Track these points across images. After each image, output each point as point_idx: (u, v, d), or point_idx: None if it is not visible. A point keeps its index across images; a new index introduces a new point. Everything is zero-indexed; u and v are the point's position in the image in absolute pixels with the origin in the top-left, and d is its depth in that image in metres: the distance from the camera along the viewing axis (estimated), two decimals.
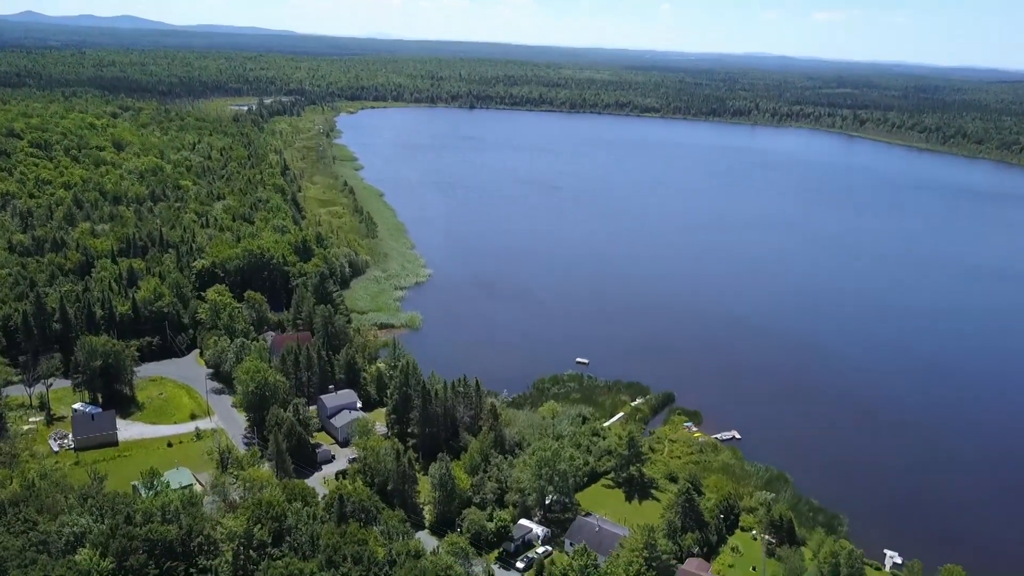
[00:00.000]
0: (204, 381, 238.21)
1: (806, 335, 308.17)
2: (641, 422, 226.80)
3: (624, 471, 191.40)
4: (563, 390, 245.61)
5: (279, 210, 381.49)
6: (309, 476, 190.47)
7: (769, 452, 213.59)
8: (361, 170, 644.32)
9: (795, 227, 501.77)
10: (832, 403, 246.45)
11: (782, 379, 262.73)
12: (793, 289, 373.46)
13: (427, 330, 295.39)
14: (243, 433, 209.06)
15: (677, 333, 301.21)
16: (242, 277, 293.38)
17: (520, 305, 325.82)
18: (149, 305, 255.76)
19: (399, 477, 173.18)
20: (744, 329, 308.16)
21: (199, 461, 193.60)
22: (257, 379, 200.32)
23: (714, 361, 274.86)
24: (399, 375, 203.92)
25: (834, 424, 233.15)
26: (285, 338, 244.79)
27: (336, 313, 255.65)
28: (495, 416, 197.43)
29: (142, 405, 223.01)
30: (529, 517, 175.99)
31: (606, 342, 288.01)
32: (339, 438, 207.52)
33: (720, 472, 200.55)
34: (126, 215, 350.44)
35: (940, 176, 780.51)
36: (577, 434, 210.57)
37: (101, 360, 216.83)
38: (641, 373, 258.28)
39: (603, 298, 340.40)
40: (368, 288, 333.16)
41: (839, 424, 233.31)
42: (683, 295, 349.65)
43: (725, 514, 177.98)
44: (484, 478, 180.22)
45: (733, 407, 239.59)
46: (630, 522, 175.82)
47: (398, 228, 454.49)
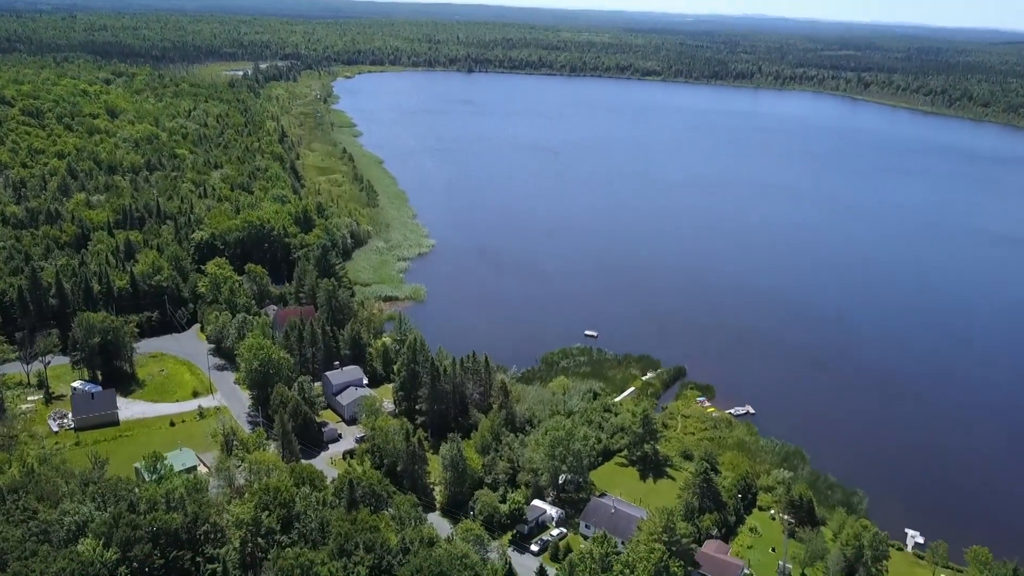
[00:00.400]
0: (206, 357, 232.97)
1: (818, 304, 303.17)
2: (653, 397, 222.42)
3: (638, 449, 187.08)
4: (572, 364, 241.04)
5: (278, 179, 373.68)
6: (315, 456, 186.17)
7: (784, 427, 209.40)
8: (360, 137, 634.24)
9: (802, 193, 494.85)
10: (847, 375, 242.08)
11: (795, 351, 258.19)
12: (803, 257, 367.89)
13: (432, 302, 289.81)
14: (247, 411, 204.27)
15: (686, 304, 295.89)
16: (242, 249, 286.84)
17: (526, 275, 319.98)
18: (147, 279, 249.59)
19: (409, 458, 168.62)
20: (754, 299, 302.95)
21: (203, 441, 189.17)
22: (260, 356, 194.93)
23: (725, 333, 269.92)
24: (407, 351, 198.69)
25: (850, 397, 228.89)
26: (288, 313, 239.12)
27: (339, 287, 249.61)
28: (505, 393, 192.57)
29: (143, 382, 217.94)
30: (542, 498, 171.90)
31: (614, 313, 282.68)
32: (345, 416, 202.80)
33: (735, 449, 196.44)
34: (122, 185, 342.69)
35: (947, 140, 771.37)
36: (588, 410, 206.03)
37: (99, 337, 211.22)
38: (651, 346, 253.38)
39: (610, 267, 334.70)
40: (370, 259, 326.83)
41: (855, 397, 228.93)
42: (692, 264, 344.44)
43: (743, 493, 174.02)
44: (495, 458, 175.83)
45: (746, 381, 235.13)
46: (646, 502, 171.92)
47: (399, 196, 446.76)
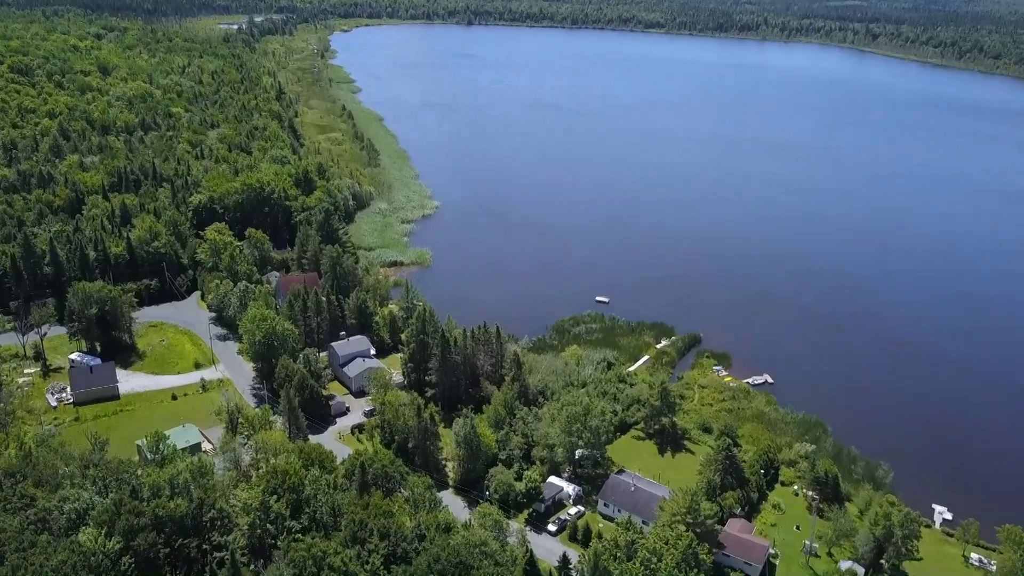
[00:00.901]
0: (207, 326, 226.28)
1: (834, 268, 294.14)
2: (668, 366, 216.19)
3: (656, 422, 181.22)
4: (584, 332, 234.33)
5: (277, 139, 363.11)
6: (323, 431, 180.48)
7: (803, 397, 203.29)
8: (359, 93, 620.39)
9: (813, 151, 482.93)
10: (867, 342, 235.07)
11: (813, 317, 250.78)
12: (818, 218, 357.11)
13: (437, 267, 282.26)
14: (251, 384, 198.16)
15: (699, 268, 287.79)
16: (242, 213, 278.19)
17: (533, 237, 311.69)
18: (145, 245, 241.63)
19: (420, 434, 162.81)
20: (769, 263, 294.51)
21: (206, 415, 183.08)
22: (264, 328, 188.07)
23: (740, 299, 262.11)
24: (416, 322, 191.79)
25: (871, 365, 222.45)
26: (291, 280, 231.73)
27: (343, 253, 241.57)
28: (518, 365, 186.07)
29: (143, 354, 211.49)
30: (558, 474, 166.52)
31: (625, 278, 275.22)
32: (353, 388, 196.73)
33: (755, 421, 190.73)
34: (116, 146, 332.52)
35: (958, 94, 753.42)
36: (603, 381, 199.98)
37: (96, 307, 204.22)
38: (664, 312, 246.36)
39: (619, 229, 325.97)
40: (373, 222, 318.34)
41: (876, 365, 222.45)
42: (703, 226, 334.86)
43: (765, 469, 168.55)
44: (509, 433, 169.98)
45: (763, 349, 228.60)
46: (665, 478, 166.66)
47: (400, 155, 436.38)
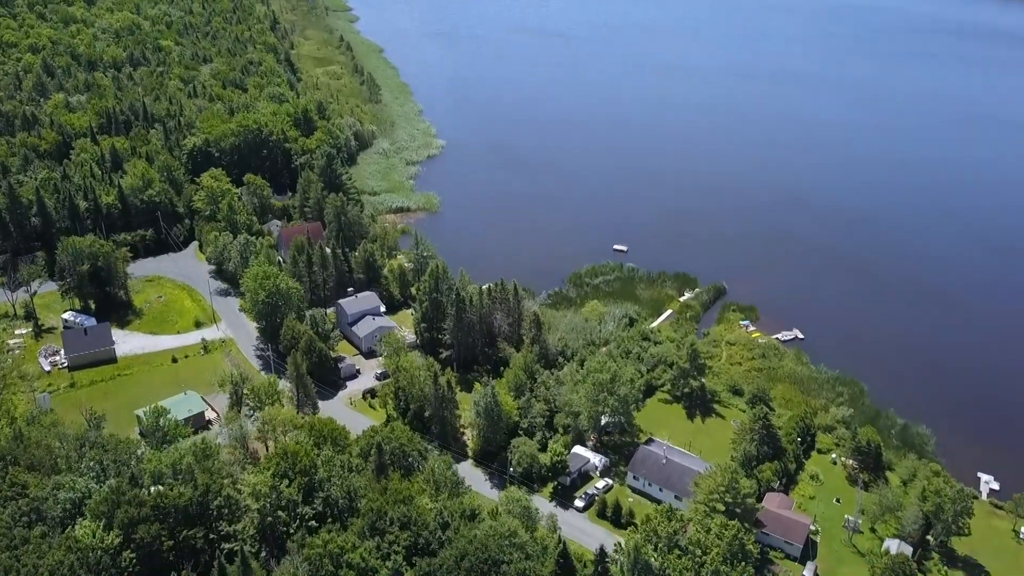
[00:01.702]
0: (206, 280, 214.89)
1: (866, 209, 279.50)
2: (692, 321, 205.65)
3: (684, 385, 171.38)
4: (602, 283, 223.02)
5: (273, 74, 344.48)
6: (333, 397, 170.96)
7: (836, 353, 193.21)
8: (356, 22, 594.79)
9: (832, 83, 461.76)
10: (903, 292, 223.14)
11: (843, 264, 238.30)
12: (842, 156, 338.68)
13: (446, 212, 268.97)
14: (255, 344, 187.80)
15: (720, 210, 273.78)
16: (239, 156, 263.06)
17: (544, 178, 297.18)
18: (138, 193, 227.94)
19: (437, 402, 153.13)
20: (793, 205, 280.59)
21: (209, 378, 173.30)
22: (267, 287, 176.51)
23: (764, 244, 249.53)
24: (428, 279, 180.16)
25: (908, 317, 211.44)
26: (293, 231, 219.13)
27: (348, 201, 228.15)
28: (538, 326, 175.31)
29: (140, 311, 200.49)
30: (583, 443, 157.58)
31: (643, 223, 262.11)
32: (363, 348, 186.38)
33: (786, 381, 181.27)
34: (103, 83, 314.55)
35: (976, 19, 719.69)
36: (625, 339, 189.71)
37: (88, 263, 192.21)
38: (686, 261, 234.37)
39: (634, 169, 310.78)
40: (377, 164, 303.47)
41: (914, 317, 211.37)
42: (720, 166, 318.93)
43: (801, 436, 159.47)
44: (531, 399, 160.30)
45: (791, 299, 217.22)
46: (696, 446, 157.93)
47: (402, 89, 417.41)
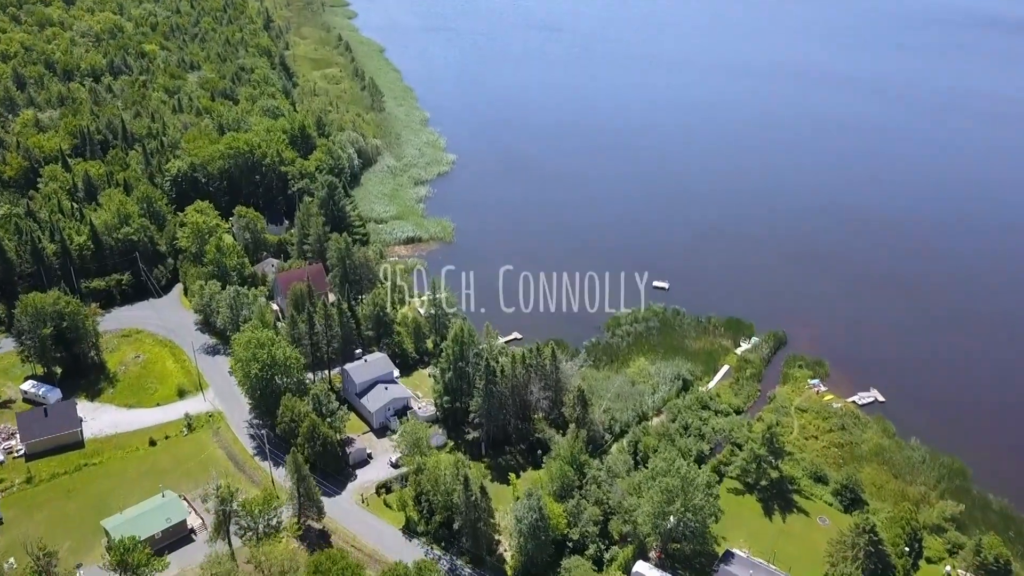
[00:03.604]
0: (191, 332, 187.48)
1: (944, 231, 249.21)
2: (753, 379, 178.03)
3: (761, 476, 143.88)
4: (644, 330, 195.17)
5: (267, 83, 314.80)
6: (340, 491, 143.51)
7: (926, 420, 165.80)
8: (354, 18, 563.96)
9: (863, 83, 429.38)
10: (1008, 339, 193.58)
11: (922, 301, 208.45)
12: (900, 166, 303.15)
13: (461, 242, 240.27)
14: (247, 420, 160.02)
15: (766, 234, 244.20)
16: (229, 182, 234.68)
17: (564, 195, 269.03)
18: (114, 231, 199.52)
19: (469, 511, 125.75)
20: (852, 224, 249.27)
21: (194, 468, 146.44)
22: (261, 357, 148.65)
23: (824, 277, 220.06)
24: (452, 345, 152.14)
25: (1011, 372, 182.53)
26: (291, 276, 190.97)
27: (353, 240, 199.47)
28: (583, 404, 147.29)
29: (114, 377, 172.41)
30: (645, 556, 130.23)
31: (679, 247, 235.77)
32: (374, 424, 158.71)
33: (874, 462, 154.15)
34: (79, 96, 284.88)
35: (995, 10, 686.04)
36: (681, 409, 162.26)
37: (51, 324, 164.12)
38: (734, 301, 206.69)
39: (662, 181, 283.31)
40: (383, 184, 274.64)
41: (1018, 372, 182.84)
42: (758, 176, 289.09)
43: (909, 544, 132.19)
44: (580, 501, 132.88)
45: (863, 350, 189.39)
46: (782, 556, 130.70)
47: (406, 94, 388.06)
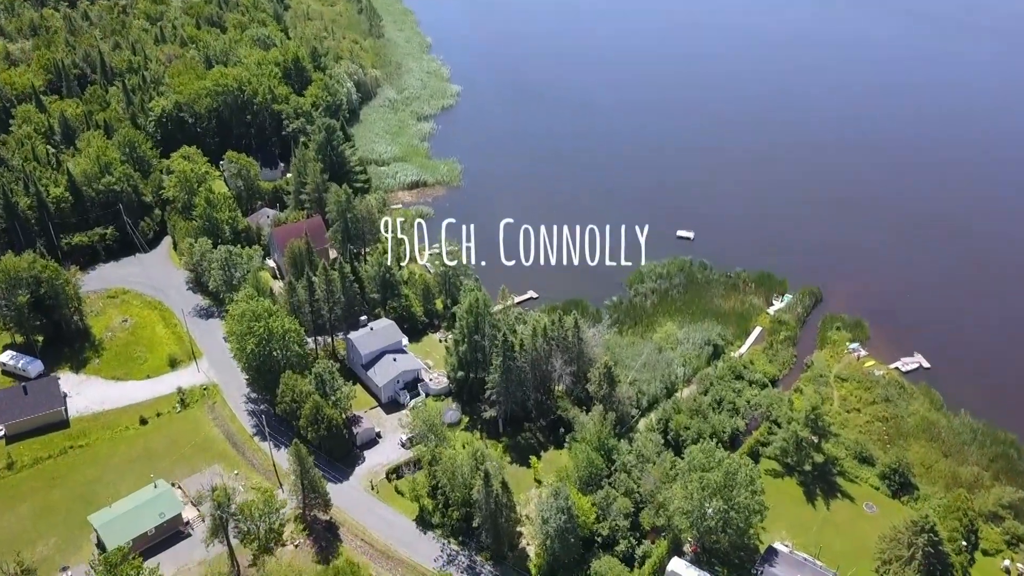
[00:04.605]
0: (182, 292, 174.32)
1: (998, 175, 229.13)
2: (788, 344, 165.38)
3: (804, 460, 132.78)
4: (669, 287, 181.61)
5: (257, 8, 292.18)
6: (348, 476, 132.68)
7: (974, 390, 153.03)
8: None
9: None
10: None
11: (971, 253, 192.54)
12: (961, 99, 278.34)
13: (469, 186, 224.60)
14: (245, 394, 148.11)
15: (799, 178, 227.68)
16: (218, 122, 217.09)
17: (581, 131, 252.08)
18: (94, 181, 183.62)
19: (489, 508, 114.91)
20: (898, 176, 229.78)
21: (189, 453, 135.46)
22: (258, 332, 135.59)
23: (861, 228, 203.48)
24: (468, 318, 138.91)
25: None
26: (288, 231, 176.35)
27: (354, 191, 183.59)
28: (611, 382, 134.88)
29: (99, 344, 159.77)
30: (680, 552, 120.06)
31: (705, 198, 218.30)
32: (382, 399, 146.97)
33: (922, 438, 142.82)
34: (53, 23, 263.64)
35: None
36: (713, 380, 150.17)
37: (28, 291, 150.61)
38: (765, 253, 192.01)
39: (686, 122, 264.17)
40: (384, 120, 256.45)
41: None
42: (787, 107, 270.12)
43: (967, 538, 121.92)
44: (610, 492, 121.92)
45: (905, 309, 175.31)
46: (828, 551, 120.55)
47: (405, 16, 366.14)
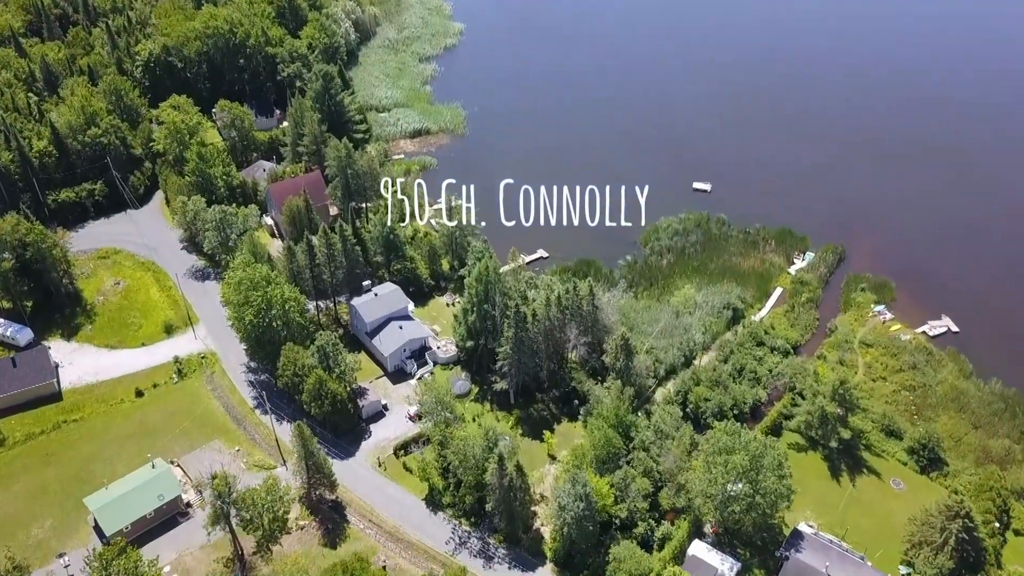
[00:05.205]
0: (176, 253, 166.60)
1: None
2: (811, 306, 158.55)
3: (830, 436, 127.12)
4: (686, 244, 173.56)
5: None
6: (354, 454, 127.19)
7: (1006, 356, 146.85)
8: None
9: None
10: None
11: (1004, 207, 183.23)
12: (1000, 33, 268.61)
13: (474, 135, 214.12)
14: (244, 364, 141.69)
15: (816, 124, 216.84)
16: (209, 68, 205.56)
17: (588, 71, 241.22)
18: (79, 133, 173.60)
19: (503, 492, 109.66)
20: (921, 109, 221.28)
21: (188, 428, 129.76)
22: (256, 301, 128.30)
23: (885, 176, 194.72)
24: (477, 286, 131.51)
25: None
26: (286, 188, 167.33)
27: (354, 144, 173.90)
28: (628, 352, 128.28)
29: (91, 309, 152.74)
30: (701, 534, 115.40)
31: (722, 146, 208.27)
32: (388, 368, 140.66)
33: (951, 408, 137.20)
34: None
35: None
36: (734, 349, 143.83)
37: (13, 256, 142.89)
38: (783, 206, 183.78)
39: (702, 71, 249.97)
40: (383, 63, 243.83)
41: None
42: (813, 65, 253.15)
43: (999, 519, 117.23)
44: (628, 472, 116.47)
45: (932, 268, 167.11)
46: (853, 532, 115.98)
47: None
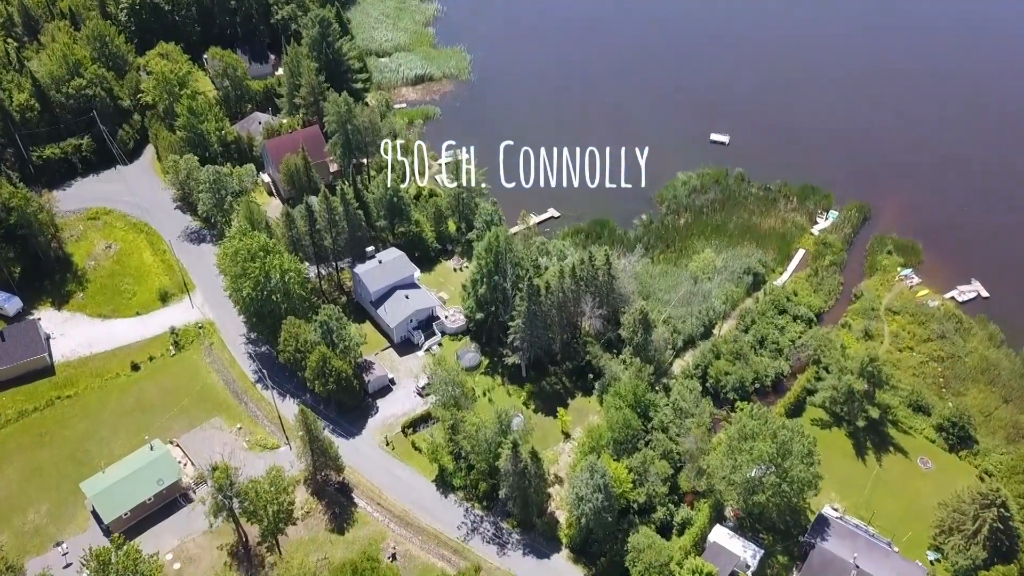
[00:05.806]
0: (169, 213, 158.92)
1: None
2: (834, 269, 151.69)
3: (857, 414, 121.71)
4: (704, 203, 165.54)
5: None
6: (360, 432, 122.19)
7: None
8: None
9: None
10: None
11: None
12: None
13: (479, 80, 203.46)
14: (244, 335, 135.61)
15: (840, 72, 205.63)
16: (199, 10, 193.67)
17: (599, 12, 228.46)
18: (62, 85, 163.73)
19: (517, 479, 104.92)
20: (952, 57, 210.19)
21: (188, 406, 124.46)
22: (254, 273, 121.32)
23: (912, 131, 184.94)
24: (487, 256, 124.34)
25: None
26: (283, 144, 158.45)
27: (355, 99, 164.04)
28: (646, 327, 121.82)
29: (82, 275, 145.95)
30: (722, 518, 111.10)
31: (740, 95, 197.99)
32: (394, 339, 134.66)
33: (981, 381, 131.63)
34: None
35: None
36: (756, 318, 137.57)
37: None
38: (805, 160, 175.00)
39: (719, 13, 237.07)
40: (382, 2, 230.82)
41: None
42: (838, 8, 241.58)
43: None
44: (647, 455, 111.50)
45: (962, 229, 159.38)
46: (881, 516, 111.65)
47: None
